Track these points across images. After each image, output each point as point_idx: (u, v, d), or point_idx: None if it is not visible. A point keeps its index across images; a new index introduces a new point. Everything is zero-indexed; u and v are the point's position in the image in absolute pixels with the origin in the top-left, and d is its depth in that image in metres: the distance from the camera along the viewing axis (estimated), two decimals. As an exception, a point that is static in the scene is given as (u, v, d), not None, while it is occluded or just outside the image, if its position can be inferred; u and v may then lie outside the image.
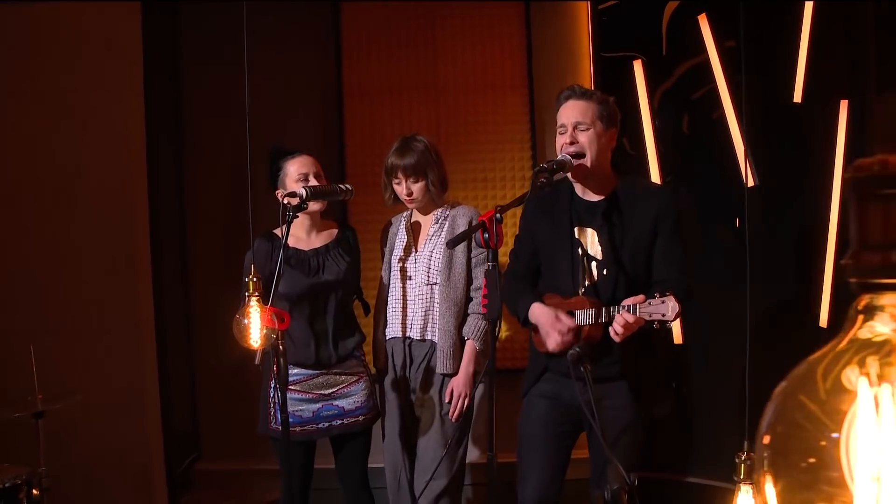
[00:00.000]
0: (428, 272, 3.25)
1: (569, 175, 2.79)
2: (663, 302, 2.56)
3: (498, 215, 2.42)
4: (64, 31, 3.95)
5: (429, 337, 3.25)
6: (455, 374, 3.20)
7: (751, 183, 4.37)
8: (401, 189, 3.25)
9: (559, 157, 2.75)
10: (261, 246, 3.20)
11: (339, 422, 3.25)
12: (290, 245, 3.23)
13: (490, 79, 4.80)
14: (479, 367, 3.23)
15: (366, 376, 3.32)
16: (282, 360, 2.86)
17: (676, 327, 4.60)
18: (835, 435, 0.63)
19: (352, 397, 3.26)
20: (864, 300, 0.66)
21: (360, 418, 3.28)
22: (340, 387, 3.25)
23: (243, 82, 4.39)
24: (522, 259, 2.99)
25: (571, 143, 2.74)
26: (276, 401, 3.10)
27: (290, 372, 3.20)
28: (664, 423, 4.00)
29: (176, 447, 4.27)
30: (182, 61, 4.83)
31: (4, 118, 3.91)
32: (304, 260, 3.25)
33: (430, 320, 3.24)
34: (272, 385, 3.18)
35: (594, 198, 2.84)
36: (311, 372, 3.22)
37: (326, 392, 3.23)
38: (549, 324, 2.75)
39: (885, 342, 0.65)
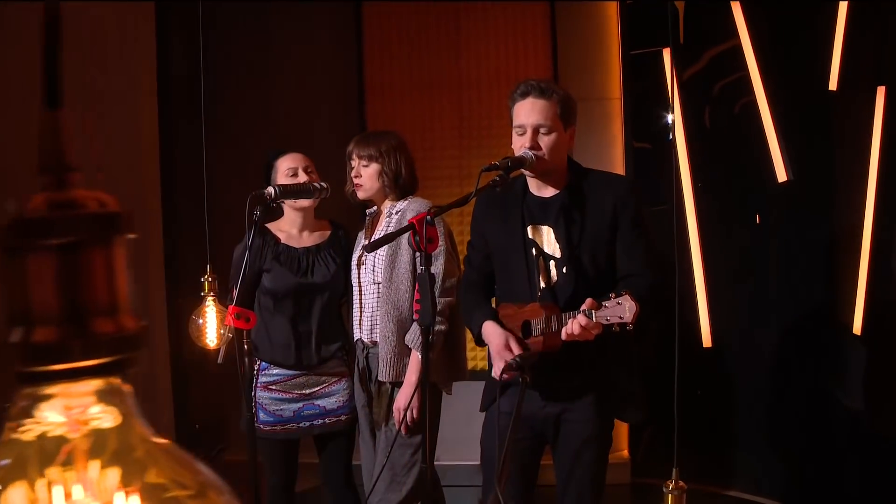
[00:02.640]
0: (373, 270, 3.11)
1: (525, 171, 2.66)
2: (619, 303, 2.36)
3: (428, 217, 2.34)
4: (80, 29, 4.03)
5: (378, 340, 3.09)
6: (397, 382, 3.04)
7: (783, 177, 4.10)
8: (354, 173, 3.12)
9: (518, 153, 2.64)
10: (252, 242, 3.22)
11: (321, 421, 3.23)
12: (282, 242, 3.25)
13: (514, 75, 4.68)
14: (433, 378, 2.92)
15: (348, 376, 3.27)
16: (247, 359, 2.88)
17: (705, 329, 4.37)
18: None
19: (333, 397, 3.22)
20: (26, 391, 0.50)
21: (343, 418, 3.25)
22: (322, 387, 3.22)
23: (265, 79, 4.43)
24: (475, 265, 2.84)
25: (532, 148, 2.61)
26: (255, 400, 3.12)
27: (270, 372, 3.22)
28: (686, 430, 3.81)
29: (200, 438, 4.38)
30: (204, 61, 4.93)
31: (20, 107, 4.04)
32: (294, 258, 3.23)
33: (376, 322, 3.09)
34: (255, 385, 3.20)
35: (548, 193, 2.68)
36: (291, 372, 3.20)
37: (307, 392, 3.21)
38: (498, 351, 2.59)
39: (60, 439, 0.51)
